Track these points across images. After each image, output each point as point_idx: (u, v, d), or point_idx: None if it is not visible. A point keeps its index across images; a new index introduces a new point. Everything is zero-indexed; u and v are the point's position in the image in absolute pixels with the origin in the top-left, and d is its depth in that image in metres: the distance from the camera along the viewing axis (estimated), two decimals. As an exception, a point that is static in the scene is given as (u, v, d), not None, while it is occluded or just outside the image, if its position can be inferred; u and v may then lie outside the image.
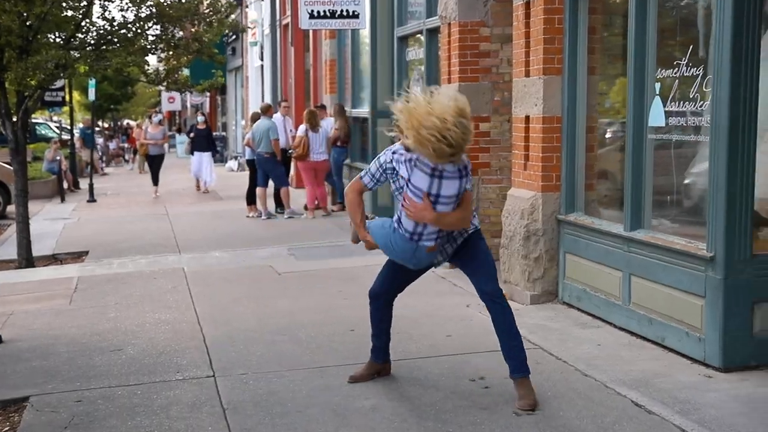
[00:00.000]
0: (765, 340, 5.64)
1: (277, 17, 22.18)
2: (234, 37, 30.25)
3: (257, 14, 24.82)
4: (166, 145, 22.12)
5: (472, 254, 5.43)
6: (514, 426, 4.91)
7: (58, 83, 22.78)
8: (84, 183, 22.53)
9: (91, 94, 21.47)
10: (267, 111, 15.14)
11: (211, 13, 11.94)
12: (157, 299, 8.66)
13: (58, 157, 22.59)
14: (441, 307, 7.78)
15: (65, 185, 22.29)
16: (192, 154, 21.01)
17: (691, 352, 5.89)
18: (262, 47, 24.81)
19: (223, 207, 17.30)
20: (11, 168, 18.37)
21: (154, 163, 20.81)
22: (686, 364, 5.85)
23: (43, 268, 11.18)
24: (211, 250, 11.68)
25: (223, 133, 34.62)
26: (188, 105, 43.74)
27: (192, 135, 21.21)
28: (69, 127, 34.37)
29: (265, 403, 5.41)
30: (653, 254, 6.28)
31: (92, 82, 20.97)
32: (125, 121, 56.12)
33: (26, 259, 11.42)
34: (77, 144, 26.22)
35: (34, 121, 37.07)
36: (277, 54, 22.32)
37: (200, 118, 21.20)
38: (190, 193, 20.76)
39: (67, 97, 23.68)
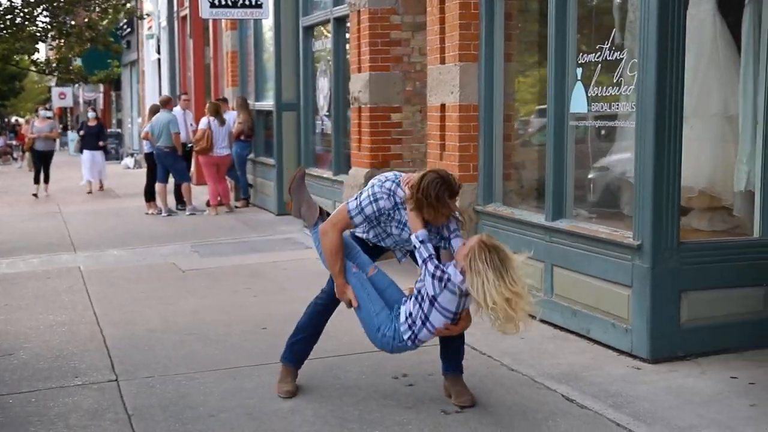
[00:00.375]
0: (692, 329, 5.53)
1: (175, 9, 21.48)
2: (129, 29, 29.31)
3: (153, 6, 24.02)
4: (57, 142, 20.87)
5: None
6: (443, 425, 4.65)
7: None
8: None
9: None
10: (167, 104, 14.55)
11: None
12: (51, 300, 8.09)
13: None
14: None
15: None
16: (81, 152, 19.50)
17: (617, 343, 5.74)
18: (158, 40, 24.02)
19: (120, 205, 16.59)
20: None
21: (42, 159, 19.04)
22: (614, 356, 5.70)
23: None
24: (109, 249, 11.09)
25: (118, 130, 33.52)
26: (81, 101, 42.34)
27: (82, 132, 19.72)
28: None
29: (174, 408, 5.01)
30: (576, 244, 6.12)
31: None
32: (13, 118, 54.00)
33: None
34: None
35: None
36: (175, 47, 21.62)
37: (91, 114, 19.68)
38: (84, 191, 19.93)
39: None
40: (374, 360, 5.78)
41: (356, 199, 4.80)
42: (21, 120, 45.74)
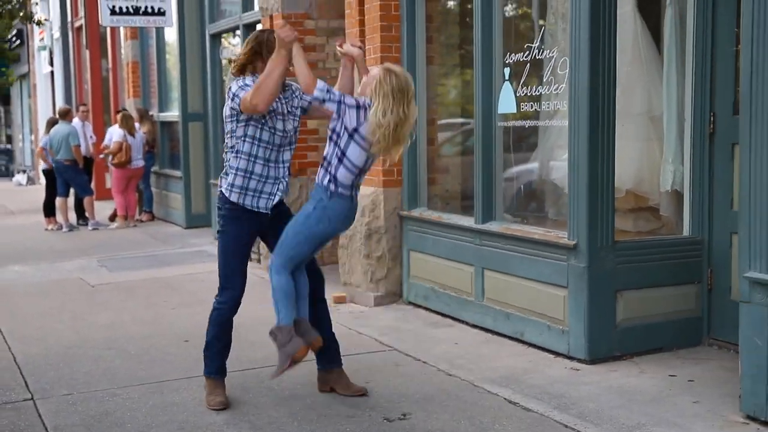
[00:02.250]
0: (628, 329, 5.51)
1: (69, 19, 20.79)
2: (18, 41, 28.26)
3: (45, 15, 23.20)
4: None
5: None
6: (389, 433, 4.49)
7: None
8: None
9: None
10: (66, 115, 13.97)
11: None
12: (-50, 319, 7.60)
13: None
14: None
15: None
16: None
17: (553, 345, 5.68)
18: (51, 52, 23.22)
19: (16, 221, 15.86)
20: None
21: None
22: (550, 359, 5.63)
23: None
24: (9, 265, 10.55)
25: (8, 146, 32.28)
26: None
27: None
28: None
29: (99, 426, 4.69)
30: (508, 246, 6.05)
31: None
32: None
33: None
34: None
35: None
36: (70, 58, 20.90)
37: None
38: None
39: None
40: (309, 369, 5.56)
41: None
42: None
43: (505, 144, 6.33)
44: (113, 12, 12.93)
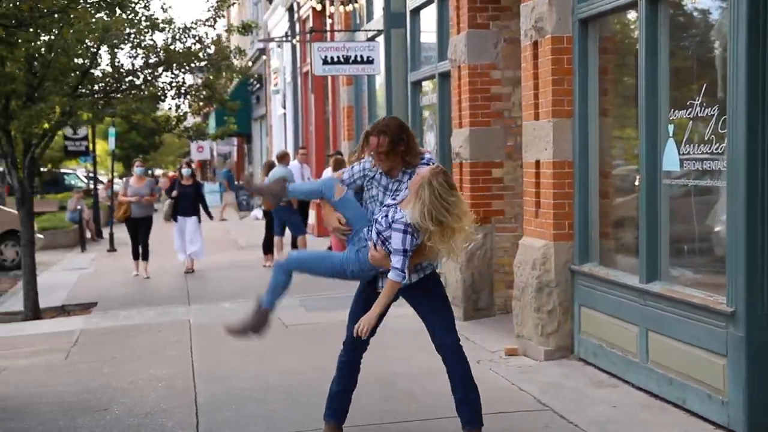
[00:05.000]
0: (793, 402, 5.16)
1: (298, 65, 22.07)
2: (258, 86, 30.28)
3: (279, 62, 24.75)
4: (157, 207, 16.17)
5: (427, 297, 5.19)
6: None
7: (81, 132, 22.85)
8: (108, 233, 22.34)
9: (111, 143, 21.37)
10: (283, 159, 14.89)
11: (218, 58, 11.73)
12: (156, 353, 8.32)
13: (79, 207, 22.47)
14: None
15: (88, 235, 22.16)
16: (174, 219, 15.22)
17: (714, 416, 5.41)
18: (284, 95, 24.71)
19: (242, 257, 16.97)
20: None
21: (139, 228, 14.72)
22: (710, 430, 5.37)
23: (46, 321, 10.90)
24: (222, 302, 11.35)
25: (250, 182, 34.46)
26: (214, 154, 43.88)
27: (175, 194, 15.32)
28: (103, 177, 34.65)
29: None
30: (670, 308, 5.84)
31: (112, 131, 20.90)
32: (156, 170, 56.48)
33: (32, 311, 11.16)
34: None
35: (62, 171, 37.35)
36: (299, 102, 22.17)
37: (185, 172, 15.57)
38: (213, 240, 20.42)
39: (91, 147, 23.60)
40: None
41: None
42: (159, 172, 47.71)
43: (671, 201, 6.13)
44: (325, 62, 13.64)
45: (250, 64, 19.34)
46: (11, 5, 7.40)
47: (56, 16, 8.34)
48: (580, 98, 7.08)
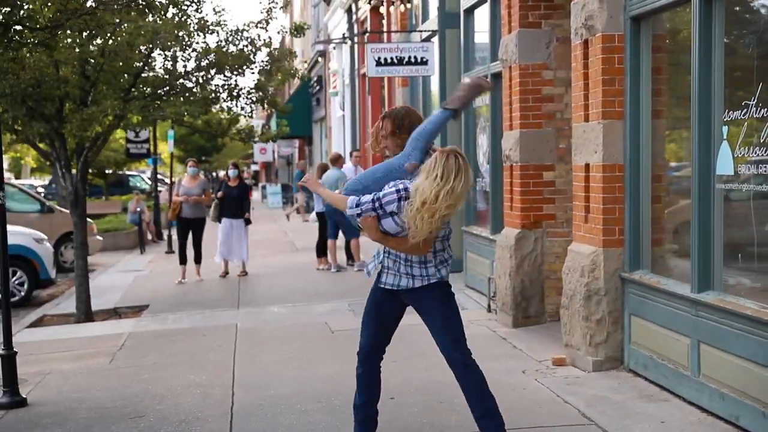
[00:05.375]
0: None
1: (356, 67, 22.00)
2: (318, 87, 30.33)
3: (338, 64, 24.72)
4: (208, 208, 15.14)
5: (434, 309, 5.06)
6: None
7: (143, 135, 23.09)
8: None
9: (170, 146, 21.53)
10: (337, 161, 14.79)
11: (269, 61, 11.66)
12: (198, 359, 8.25)
13: (139, 209, 22.70)
14: (493, 371, 7.03)
15: (148, 236, 22.38)
16: (219, 221, 14.68)
17: (767, 434, 5.11)
18: (342, 97, 24.67)
19: (297, 259, 16.94)
20: (89, 220, 18.59)
21: (192, 229, 14.36)
22: (761, 450, 5.08)
23: (96, 324, 10.94)
24: (271, 305, 11.28)
25: (310, 184, 34.51)
26: (276, 156, 44.10)
27: (220, 194, 14.73)
28: (165, 179, 35.03)
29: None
30: (723, 319, 5.54)
31: (171, 133, 21.06)
32: (221, 172, 57.07)
33: (85, 314, 11.21)
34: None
35: (128, 173, 37.93)
36: (356, 104, 22.12)
37: (232, 173, 14.94)
38: (270, 242, 20.45)
39: (152, 149, 23.83)
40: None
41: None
42: (222, 174, 48.14)
43: (725, 207, 5.82)
44: (379, 63, 13.52)
45: (305, 65, 19.27)
46: (39, 7, 7.36)
47: (98, 17, 8.28)
48: (631, 99, 6.80)
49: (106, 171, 32.63)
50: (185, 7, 11.10)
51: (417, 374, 7.14)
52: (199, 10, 11.26)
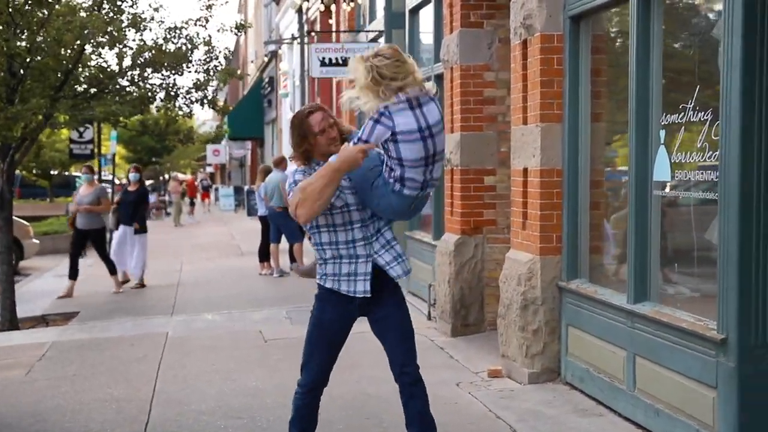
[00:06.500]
0: (792, 442, 4.60)
1: (306, 67, 21.61)
2: (269, 89, 29.91)
3: (288, 65, 24.34)
4: (109, 217, 14.60)
5: (389, 316, 4.55)
6: None
7: (87, 135, 22.50)
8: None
9: (112, 147, 20.96)
10: (280, 163, 14.43)
11: (208, 60, 11.27)
12: (120, 370, 7.83)
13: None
14: (427, 383, 6.69)
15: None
16: (117, 228, 14.00)
17: (702, 453, 4.86)
18: (293, 98, 24.29)
19: (240, 263, 16.56)
20: (25, 223, 18.01)
21: (91, 241, 13.20)
22: (696, 470, 4.83)
23: (20, 332, 10.46)
24: (206, 312, 10.89)
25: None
26: (228, 158, 43.57)
27: (117, 200, 14.07)
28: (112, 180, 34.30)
29: None
30: (659, 332, 5.29)
31: (114, 134, 20.50)
32: (173, 174, 56.27)
33: (9, 321, 10.72)
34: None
35: (75, 174, 37.13)
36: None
37: (132, 176, 13.84)
38: (216, 245, 20.00)
39: (96, 150, 23.23)
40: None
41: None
42: (181, 176, 47.41)
43: (663, 214, 5.58)
44: (323, 63, 13.20)
45: (252, 65, 18.92)
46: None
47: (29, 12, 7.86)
48: (570, 101, 6.54)
49: (51, 172, 31.89)
50: (120, 3, 10.70)
51: (346, 388, 6.80)
52: (135, 6, 10.87)
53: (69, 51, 10.35)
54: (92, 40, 10.17)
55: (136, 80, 11.25)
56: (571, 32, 6.55)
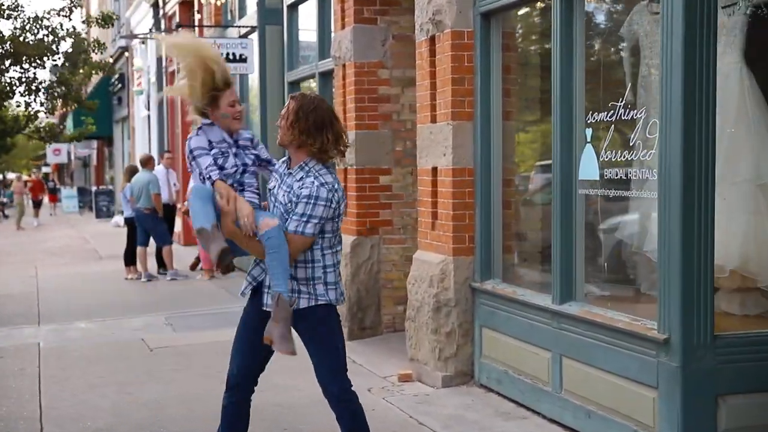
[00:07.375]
0: (731, 440, 4.63)
1: (164, 64, 20.83)
2: (120, 85, 28.76)
3: (143, 62, 23.42)
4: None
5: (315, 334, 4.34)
6: None
7: None
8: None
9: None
10: (147, 163, 13.76)
11: (75, 52, 10.61)
12: (-4, 387, 7.20)
13: None
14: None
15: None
16: None
17: (640, 454, 4.83)
18: (148, 96, 23.38)
19: (102, 268, 15.72)
20: None
21: None
22: (636, 471, 4.80)
23: None
24: (78, 321, 10.21)
25: (110, 187, 32.78)
26: (72, 158, 41.70)
27: None
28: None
29: None
30: (590, 333, 5.24)
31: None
32: (10, 175, 53.41)
33: None
34: None
35: None
36: (164, 103, 20.94)
37: None
38: (69, 249, 19.00)
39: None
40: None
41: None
42: (12, 176, 45.06)
43: (588, 213, 5.55)
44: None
45: (110, 60, 18.05)
46: None
47: None
48: (482, 99, 6.44)
49: None
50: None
51: (260, 399, 6.46)
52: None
53: None
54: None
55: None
56: (482, 29, 6.45)
